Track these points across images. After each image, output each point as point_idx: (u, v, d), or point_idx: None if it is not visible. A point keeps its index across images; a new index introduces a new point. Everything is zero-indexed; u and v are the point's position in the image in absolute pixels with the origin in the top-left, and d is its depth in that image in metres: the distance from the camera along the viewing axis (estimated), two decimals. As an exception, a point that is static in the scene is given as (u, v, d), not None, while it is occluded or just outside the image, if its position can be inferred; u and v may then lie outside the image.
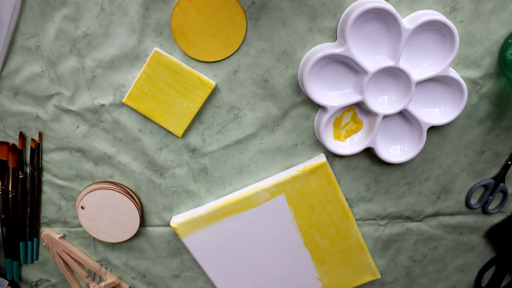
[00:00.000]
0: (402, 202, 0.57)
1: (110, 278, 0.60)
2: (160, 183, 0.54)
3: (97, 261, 0.59)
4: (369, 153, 0.53)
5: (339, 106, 0.47)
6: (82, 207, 0.53)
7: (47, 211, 0.56)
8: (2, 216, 0.54)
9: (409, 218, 0.59)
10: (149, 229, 0.57)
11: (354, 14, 0.42)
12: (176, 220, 0.53)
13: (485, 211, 0.59)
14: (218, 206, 0.52)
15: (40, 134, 0.51)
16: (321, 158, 0.51)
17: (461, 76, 0.48)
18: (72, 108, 0.49)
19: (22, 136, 0.50)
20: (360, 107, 0.49)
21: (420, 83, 0.46)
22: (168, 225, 0.56)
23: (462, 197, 0.58)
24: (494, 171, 0.56)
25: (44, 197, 0.55)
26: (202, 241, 0.54)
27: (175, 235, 0.57)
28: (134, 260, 0.59)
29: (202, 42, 0.46)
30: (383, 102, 0.48)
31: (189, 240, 0.54)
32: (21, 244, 0.56)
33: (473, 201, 0.58)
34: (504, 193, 0.57)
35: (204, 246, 0.55)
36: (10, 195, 0.53)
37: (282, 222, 0.54)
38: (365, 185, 0.55)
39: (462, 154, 0.54)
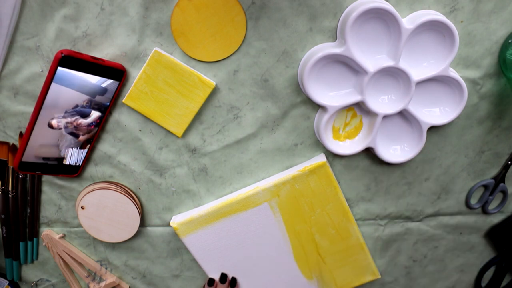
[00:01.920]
0: (402, 202, 0.57)
1: (110, 278, 0.60)
2: (160, 183, 0.54)
3: (97, 261, 0.59)
4: (369, 153, 0.53)
5: (339, 106, 0.47)
6: (82, 207, 0.53)
7: (47, 211, 0.56)
8: (2, 216, 0.54)
9: (409, 218, 0.59)
10: (149, 229, 0.57)
11: (354, 14, 0.42)
12: (176, 220, 0.53)
13: (485, 211, 0.59)
14: (218, 206, 0.52)
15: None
16: (321, 158, 0.51)
17: (461, 76, 0.48)
18: (72, 108, 0.49)
19: (22, 136, 0.50)
20: (360, 107, 0.49)
21: (420, 83, 0.46)
22: (168, 225, 0.56)
23: (462, 197, 0.58)
24: (494, 171, 0.56)
25: (44, 197, 0.55)
26: (202, 241, 0.54)
27: (175, 235, 0.57)
28: (134, 260, 0.59)
29: (202, 42, 0.46)
30: (383, 102, 0.48)
31: (189, 240, 0.54)
32: (21, 244, 0.56)
33: (473, 201, 0.58)
34: (504, 193, 0.57)
35: (204, 246, 0.55)
36: (10, 195, 0.53)
37: (282, 222, 0.54)
38: (365, 185, 0.55)
39: (462, 154, 0.54)
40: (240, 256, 0.56)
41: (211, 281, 0.56)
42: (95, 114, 0.47)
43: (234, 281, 0.57)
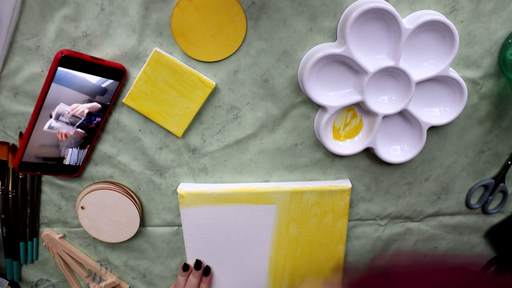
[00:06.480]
0: (402, 202, 0.57)
1: (110, 278, 0.60)
2: (160, 183, 0.54)
3: (97, 261, 0.59)
4: (369, 153, 0.53)
5: (339, 106, 0.47)
6: (82, 207, 0.53)
7: (47, 211, 0.56)
8: (2, 216, 0.54)
9: (409, 218, 0.59)
10: (149, 229, 0.57)
11: (354, 14, 0.42)
12: (185, 188, 0.52)
13: (485, 211, 0.59)
14: (233, 190, 0.52)
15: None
16: (347, 183, 0.53)
17: (461, 76, 0.48)
18: (72, 108, 0.49)
19: (22, 136, 0.50)
20: (360, 107, 0.49)
21: (420, 83, 0.46)
22: (168, 225, 0.56)
23: (462, 197, 0.58)
24: (494, 171, 0.56)
25: (44, 197, 0.55)
26: (199, 217, 0.53)
27: (175, 234, 0.57)
28: (134, 260, 0.59)
29: (202, 42, 0.46)
30: (383, 102, 0.48)
31: (187, 212, 0.53)
32: (21, 244, 0.56)
33: (473, 201, 0.58)
34: (504, 193, 0.57)
35: (199, 223, 0.54)
36: (10, 195, 0.53)
37: (276, 228, 0.54)
38: (365, 185, 0.55)
39: (462, 154, 0.54)
40: (225, 246, 0.55)
41: (186, 267, 0.56)
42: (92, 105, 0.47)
43: (208, 269, 0.57)
